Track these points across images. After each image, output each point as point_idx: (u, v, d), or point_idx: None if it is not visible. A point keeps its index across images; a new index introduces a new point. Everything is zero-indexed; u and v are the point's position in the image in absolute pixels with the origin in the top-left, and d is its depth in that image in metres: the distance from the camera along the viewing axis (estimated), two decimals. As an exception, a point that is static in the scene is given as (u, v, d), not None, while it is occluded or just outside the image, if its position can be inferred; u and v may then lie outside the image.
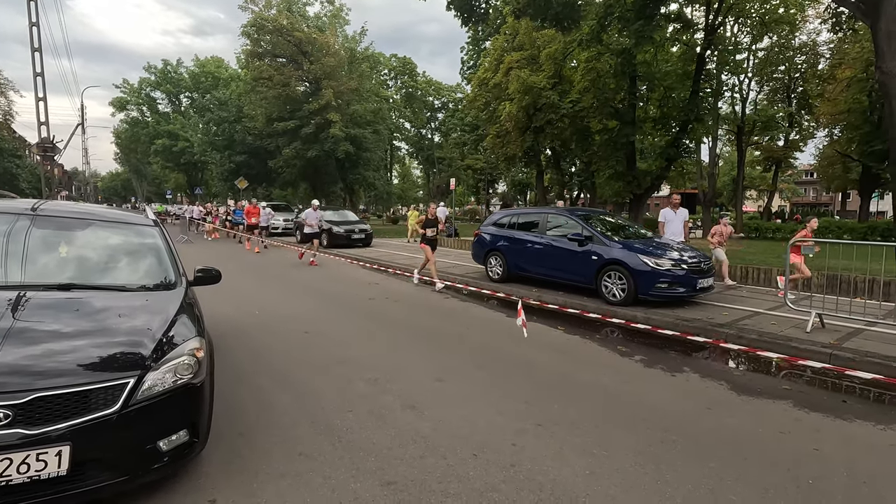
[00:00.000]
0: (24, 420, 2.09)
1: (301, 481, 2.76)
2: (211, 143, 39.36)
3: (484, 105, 24.69)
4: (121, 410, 2.28)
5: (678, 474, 2.91)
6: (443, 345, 5.69)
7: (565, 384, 4.43)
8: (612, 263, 7.65)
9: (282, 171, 32.51)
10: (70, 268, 3.27)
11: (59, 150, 24.74)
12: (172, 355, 2.58)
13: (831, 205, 54.13)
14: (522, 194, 51.15)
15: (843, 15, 15.77)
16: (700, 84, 16.57)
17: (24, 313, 2.59)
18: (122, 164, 75.17)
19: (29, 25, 21.57)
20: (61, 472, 2.12)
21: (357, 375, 4.48)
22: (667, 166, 17.62)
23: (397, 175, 63.60)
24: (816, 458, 3.15)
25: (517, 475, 2.86)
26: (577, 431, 3.45)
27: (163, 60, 52.55)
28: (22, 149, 42.22)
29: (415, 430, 3.41)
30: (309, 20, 32.25)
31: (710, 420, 3.71)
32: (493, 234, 10.11)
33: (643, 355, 5.37)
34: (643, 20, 13.01)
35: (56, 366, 2.29)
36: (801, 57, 26.57)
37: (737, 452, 3.19)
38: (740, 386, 4.44)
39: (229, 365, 4.63)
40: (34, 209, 3.54)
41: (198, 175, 53.40)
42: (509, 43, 22.86)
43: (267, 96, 29.01)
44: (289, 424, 3.45)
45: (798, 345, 5.47)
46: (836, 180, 31.46)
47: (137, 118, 54.21)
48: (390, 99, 42.49)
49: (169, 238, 3.96)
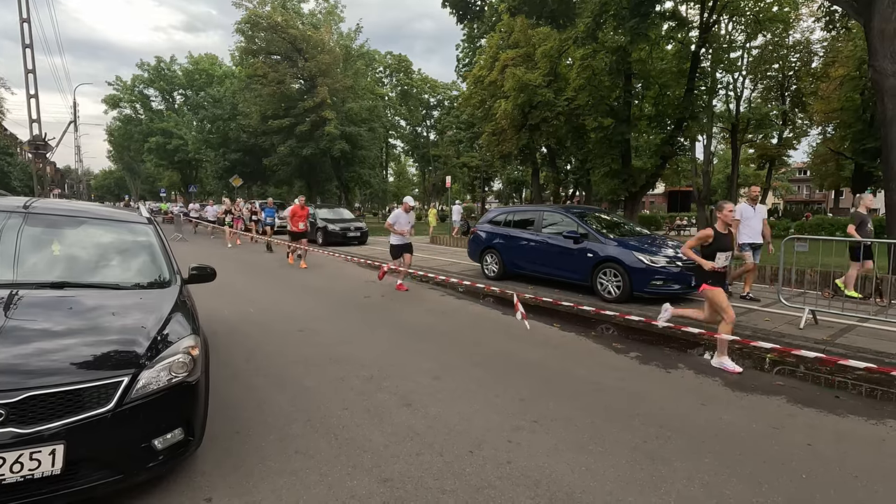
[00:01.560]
0: (17, 419, 2.07)
1: (297, 479, 2.75)
2: (205, 141, 39.17)
3: (479, 103, 24.72)
4: (115, 409, 2.27)
5: (673, 470, 2.93)
6: (438, 342, 5.69)
7: (561, 381, 4.44)
8: (608, 261, 7.68)
9: (277, 169, 32.42)
10: (63, 266, 3.25)
11: (51, 148, 24.51)
12: (167, 353, 2.57)
13: (824, 202, 54.50)
14: (518, 192, 51.24)
15: (837, 13, 15.87)
16: (695, 82, 16.67)
17: (17, 312, 2.57)
18: (115, 161, 74.57)
19: (20, 21, 21.36)
20: (55, 471, 2.11)
21: (352, 373, 4.48)
22: (662, 164, 17.72)
23: (393, 173, 63.51)
24: (810, 453, 3.18)
25: (513, 472, 2.87)
26: (572, 428, 3.46)
27: (156, 57, 52.04)
28: (13, 146, 41.84)
29: (411, 428, 3.41)
30: (304, 17, 32.11)
31: (704, 416, 3.73)
32: (488, 232, 10.12)
33: (638, 352, 5.39)
34: (638, 18, 13.04)
35: (49, 364, 2.27)
36: (795, 55, 26.74)
37: (731, 448, 3.22)
38: (734, 382, 4.46)
39: (224, 363, 4.61)
40: (26, 207, 3.51)
41: (192, 173, 53.06)
42: (505, 40, 22.89)
43: (261, 94, 28.91)
44: (284, 422, 3.45)
45: (791, 341, 5.52)
46: (829, 178, 31.73)
47: (131, 116, 53.74)
48: (385, 97, 42.39)
49: (163, 236, 3.94)
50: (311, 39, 27.95)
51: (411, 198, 9.78)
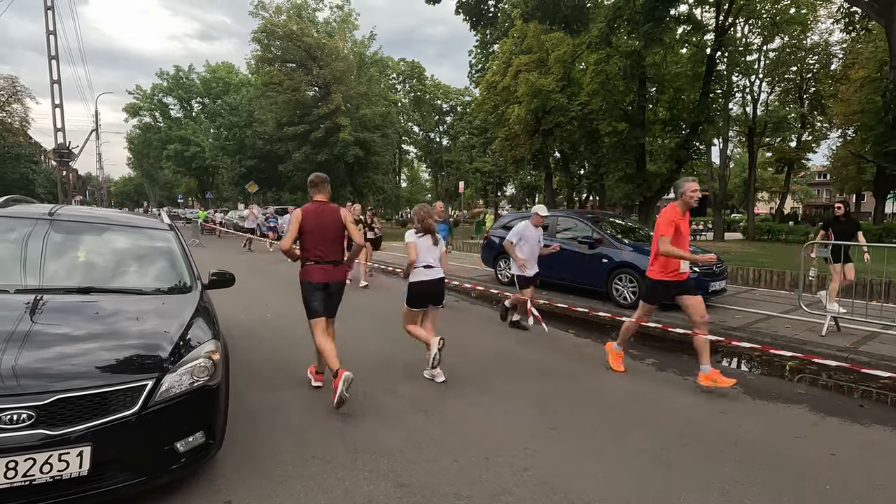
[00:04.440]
0: (46, 421, 2.13)
1: (315, 483, 2.78)
2: (222, 148, 39.79)
3: (492, 108, 24.76)
4: (140, 412, 2.32)
5: (692, 478, 2.89)
6: (452, 347, 5.68)
7: (577, 387, 4.41)
8: (623, 266, 7.62)
9: (292, 175, 32.75)
10: (87, 271, 3.33)
11: (74, 156, 25.12)
12: (189, 358, 2.62)
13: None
14: (531, 197, 51.02)
15: (856, 14, 15.59)
16: (710, 85, 16.50)
17: (43, 316, 2.65)
18: (134, 168, 76.20)
19: (46, 34, 21.99)
20: (82, 472, 2.16)
21: (368, 377, 4.50)
22: (677, 168, 17.53)
23: (406, 179, 63.79)
24: (833, 463, 3.12)
25: (530, 479, 2.86)
26: (589, 435, 3.44)
27: (175, 66, 53.24)
28: (37, 154, 42.93)
29: (427, 433, 3.42)
30: (318, 25, 32.54)
31: (724, 424, 3.68)
32: (502, 238, 10.09)
33: (655, 358, 5.34)
34: (652, 22, 12.97)
35: (76, 368, 2.33)
36: (814, 57, 26.28)
37: (752, 456, 3.16)
38: (754, 389, 4.39)
39: (242, 366, 4.67)
40: (51, 214, 3.61)
41: (209, 179, 53.96)
42: (517, 46, 22.92)
43: (277, 101, 29.31)
44: (301, 427, 3.48)
45: (813, 348, 5.41)
46: (849, 182, 31.03)
47: (150, 123, 55.00)
48: (399, 103, 42.70)
49: (183, 241, 4.02)
50: (325, 47, 28.30)
51: (543, 207, 6.77)
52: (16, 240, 3.30)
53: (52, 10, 22.08)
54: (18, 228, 3.40)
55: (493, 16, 14.87)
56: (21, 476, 2.05)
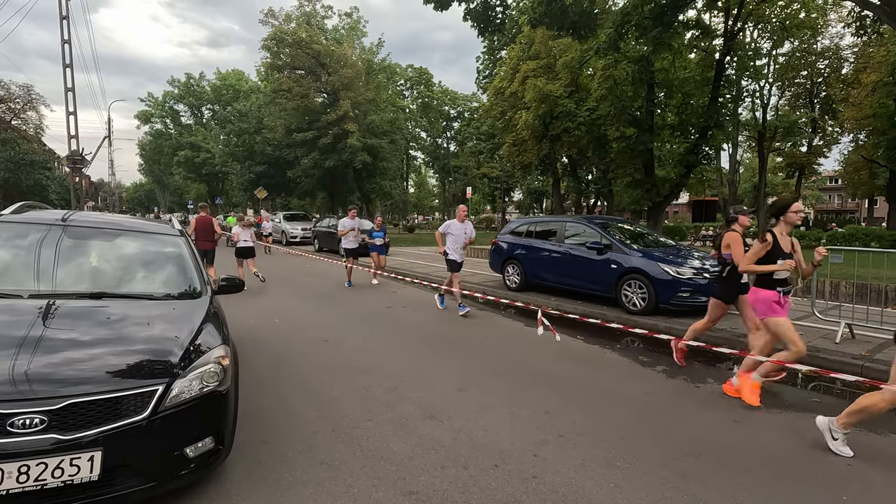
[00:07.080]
0: (58, 425, 2.14)
1: (323, 490, 2.77)
2: (231, 154, 40.14)
3: (500, 114, 24.80)
4: (150, 417, 2.32)
5: (706, 488, 2.84)
6: (462, 353, 5.67)
7: (587, 394, 4.37)
8: (632, 272, 7.56)
9: (300, 181, 32.94)
10: (99, 277, 3.36)
11: (87, 163, 25.47)
12: (199, 363, 2.62)
13: (857, 211, 52.70)
14: (538, 202, 50.96)
15: (868, 18, 15.44)
16: (719, 90, 16.38)
17: (55, 321, 2.67)
18: (145, 174, 77.16)
19: (61, 43, 22.35)
20: (93, 477, 2.16)
21: (377, 384, 4.49)
22: (686, 173, 17.39)
23: (413, 184, 63.97)
24: (851, 474, 3.05)
25: (540, 487, 2.83)
26: (600, 443, 3.40)
27: (186, 74, 54.21)
28: (51, 161, 43.58)
29: (435, 440, 3.40)
30: (327, 33, 32.84)
31: (738, 433, 3.62)
32: (510, 243, 10.08)
33: (665, 365, 5.28)
34: (661, 27, 12.91)
35: (88, 373, 2.34)
36: (824, 61, 26.08)
37: (767, 467, 3.11)
38: (768, 398, 4.32)
39: (251, 371, 4.68)
40: (65, 220, 3.66)
41: (218, 185, 54.48)
42: (525, 52, 22.97)
43: (286, 108, 29.54)
44: (310, 433, 3.47)
45: (827, 356, 5.32)
46: (862, 186, 30.69)
47: (161, 130, 55.69)
48: (406, 109, 42.88)
49: (193, 248, 4.04)
50: (334, 54, 28.52)
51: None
52: (29, 245, 3.34)
53: (68, 19, 22.47)
54: (32, 234, 3.44)
55: (500, 22, 14.88)
56: (33, 480, 2.06)
